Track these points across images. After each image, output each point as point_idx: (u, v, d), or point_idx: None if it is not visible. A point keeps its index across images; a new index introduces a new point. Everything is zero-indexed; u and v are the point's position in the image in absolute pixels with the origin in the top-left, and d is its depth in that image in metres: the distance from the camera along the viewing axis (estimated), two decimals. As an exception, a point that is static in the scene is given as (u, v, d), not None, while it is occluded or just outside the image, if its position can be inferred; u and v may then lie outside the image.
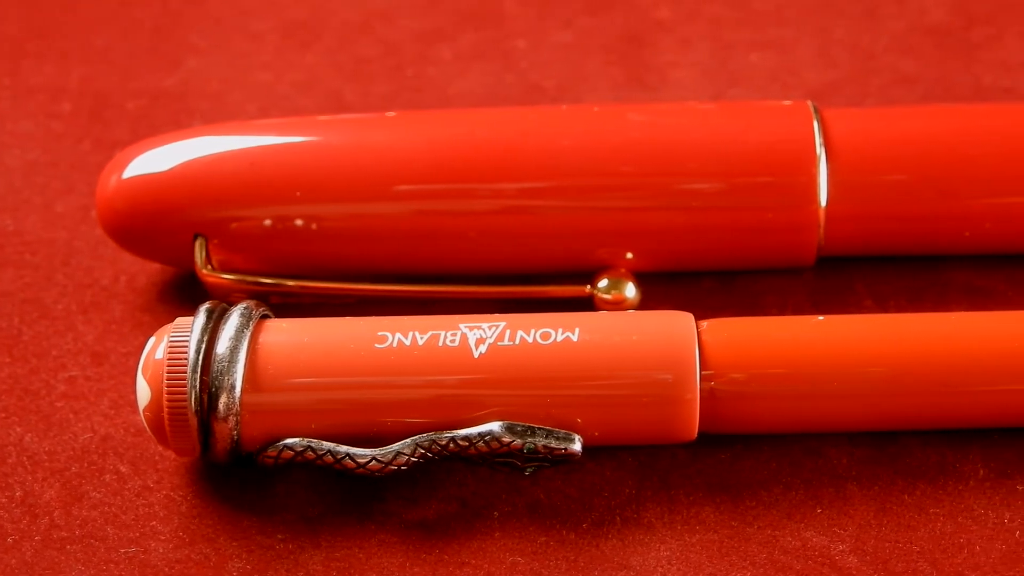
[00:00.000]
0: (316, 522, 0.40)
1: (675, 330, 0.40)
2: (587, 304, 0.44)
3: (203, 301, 0.41)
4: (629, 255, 0.44)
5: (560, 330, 0.40)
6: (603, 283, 0.44)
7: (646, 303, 0.44)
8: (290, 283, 0.44)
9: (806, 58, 0.51)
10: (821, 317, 0.42)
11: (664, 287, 0.45)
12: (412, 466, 0.40)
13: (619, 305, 0.44)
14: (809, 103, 0.44)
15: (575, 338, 0.40)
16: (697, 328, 0.41)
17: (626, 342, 0.40)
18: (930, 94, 0.50)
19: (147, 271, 0.46)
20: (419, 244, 0.44)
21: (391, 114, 0.45)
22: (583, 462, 0.41)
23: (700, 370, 0.40)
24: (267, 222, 0.43)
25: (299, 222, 0.43)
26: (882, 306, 0.45)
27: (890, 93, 0.50)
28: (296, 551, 0.40)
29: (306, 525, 0.40)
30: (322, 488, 0.41)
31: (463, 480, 0.41)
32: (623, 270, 0.44)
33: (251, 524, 0.40)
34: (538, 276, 0.45)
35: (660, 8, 0.52)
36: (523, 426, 0.40)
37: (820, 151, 0.43)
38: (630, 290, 0.44)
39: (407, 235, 0.44)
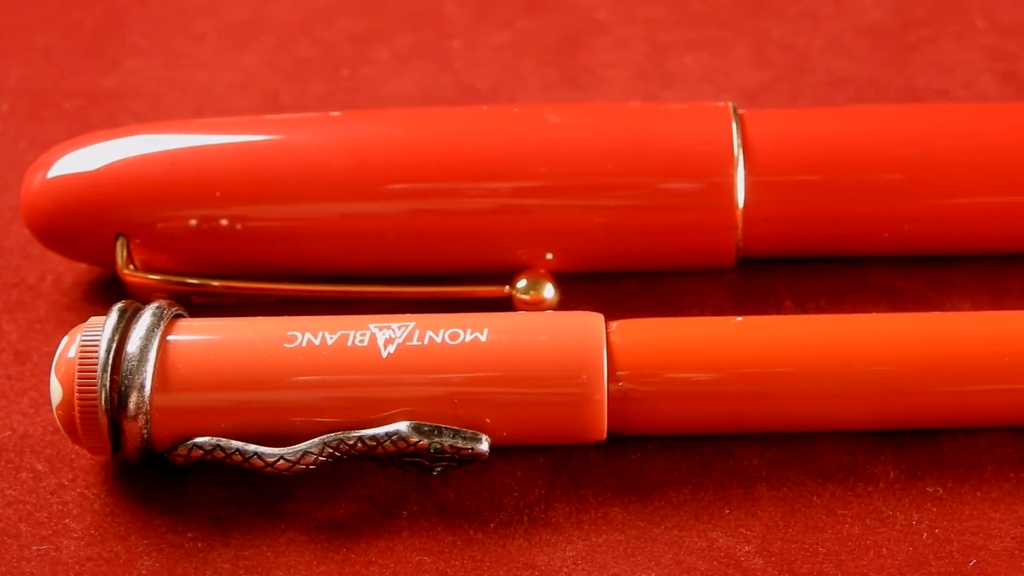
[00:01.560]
0: (227, 521, 0.41)
1: (583, 331, 0.40)
2: (506, 305, 0.44)
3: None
4: (549, 256, 0.44)
5: (469, 330, 0.40)
6: (522, 284, 0.44)
7: (566, 304, 0.44)
8: (215, 283, 0.44)
9: (741, 59, 0.51)
10: (739, 318, 0.42)
11: (585, 288, 0.45)
12: (320, 465, 0.40)
13: (537, 306, 0.44)
14: (729, 105, 0.44)
15: (483, 338, 0.40)
16: (607, 329, 0.41)
17: (534, 343, 0.40)
18: (862, 95, 0.50)
19: (74, 270, 0.46)
20: (339, 245, 0.44)
21: (314, 115, 0.45)
22: (494, 462, 0.42)
23: (608, 371, 0.40)
24: (189, 222, 0.44)
25: (219, 223, 0.43)
26: (802, 307, 0.45)
27: (822, 94, 0.50)
28: (205, 549, 0.40)
29: (216, 524, 0.41)
30: (234, 487, 0.41)
31: (374, 479, 0.41)
32: (542, 271, 0.44)
33: (162, 523, 0.41)
34: (459, 276, 0.45)
35: (598, 9, 0.52)
36: (430, 426, 0.40)
37: (738, 153, 0.43)
38: (548, 291, 0.44)
39: (327, 236, 0.44)
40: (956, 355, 0.41)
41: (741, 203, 0.43)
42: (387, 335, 0.40)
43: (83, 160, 0.44)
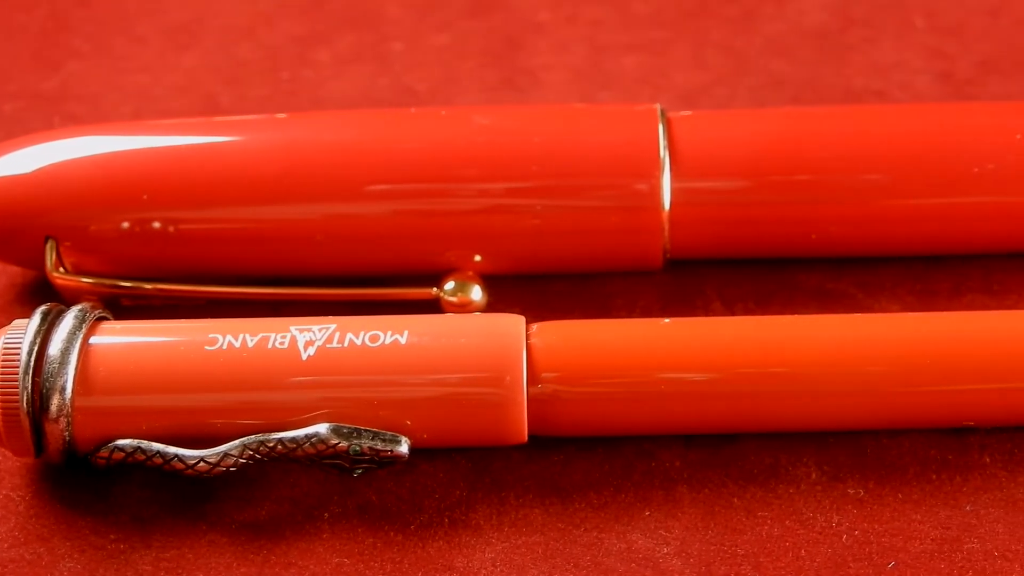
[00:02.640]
0: (149, 523, 0.41)
1: (503, 333, 0.41)
2: (434, 307, 0.44)
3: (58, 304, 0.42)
4: (477, 258, 0.44)
5: (389, 333, 0.41)
6: (449, 285, 0.44)
7: (495, 306, 0.44)
8: (147, 286, 0.45)
9: (679, 61, 0.51)
10: (666, 320, 0.42)
11: (514, 290, 0.45)
12: (241, 467, 0.40)
13: (465, 308, 0.44)
14: (657, 107, 0.44)
15: (403, 341, 0.40)
16: (528, 331, 0.41)
17: (454, 345, 0.40)
18: (800, 96, 0.50)
19: (8, 272, 0.46)
20: (269, 248, 0.44)
21: (244, 118, 0.45)
22: (417, 463, 0.42)
23: (528, 373, 0.40)
24: (119, 225, 0.44)
25: (149, 226, 0.44)
26: (730, 309, 0.45)
27: (760, 96, 0.50)
28: (127, 551, 0.40)
29: (139, 525, 0.41)
30: (158, 488, 0.41)
31: (297, 481, 0.41)
32: (470, 273, 0.44)
33: (85, 524, 0.41)
34: (388, 278, 0.45)
35: (540, 11, 0.52)
36: (349, 428, 0.40)
37: (664, 155, 0.43)
38: (476, 293, 0.44)
39: (257, 239, 0.44)
40: (880, 357, 0.41)
41: (667, 205, 0.43)
42: (307, 337, 0.40)
43: (13, 163, 0.44)
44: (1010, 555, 0.40)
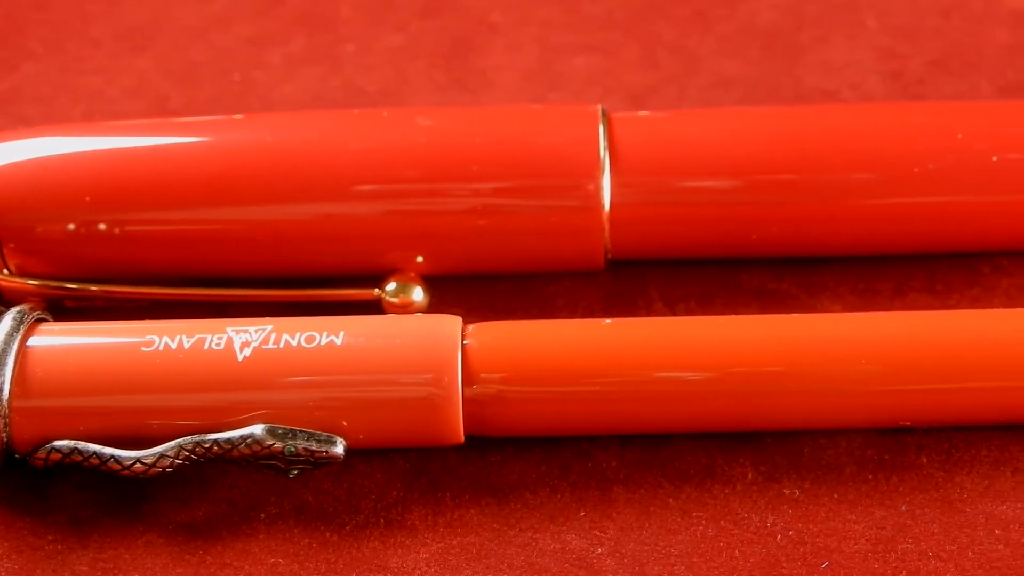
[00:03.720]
0: (87, 523, 0.41)
1: (439, 334, 0.41)
2: (376, 308, 0.44)
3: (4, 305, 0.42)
4: (419, 259, 0.44)
5: (325, 334, 0.41)
6: (391, 287, 0.44)
7: (438, 307, 0.44)
8: (93, 288, 0.45)
9: (630, 61, 0.51)
10: (608, 320, 0.42)
11: (457, 290, 0.45)
12: (177, 468, 0.40)
13: (406, 308, 0.44)
14: (599, 108, 0.44)
15: (339, 342, 0.41)
16: (464, 332, 0.41)
17: (389, 346, 0.40)
18: (750, 96, 0.50)
19: (-45, 274, 0.46)
20: (213, 249, 0.44)
21: (188, 120, 0.45)
22: (354, 464, 0.42)
23: (463, 374, 0.40)
24: (65, 227, 0.44)
25: (93, 227, 0.44)
26: (672, 309, 0.45)
27: (710, 96, 0.50)
28: (65, 552, 0.40)
29: (77, 526, 0.41)
30: (96, 489, 0.41)
31: (235, 482, 0.42)
32: (412, 274, 0.44)
33: (24, 525, 0.41)
34: (331, 280, 0.45)
35: (493, 12, 0.52)
36: (285, 429, 0.40)
37: (604, 155, 0.43)
38: (417, 294, 0.44)
39: (200, 240, 0.44)
40: (817, 358, 0.41)
41: (607, 206, 0.43)
42: (244, 338, 0.41)
43: (-42, 165, 0.44)
44: (944, 555, 0.40)
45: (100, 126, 0.46)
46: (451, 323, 0.41)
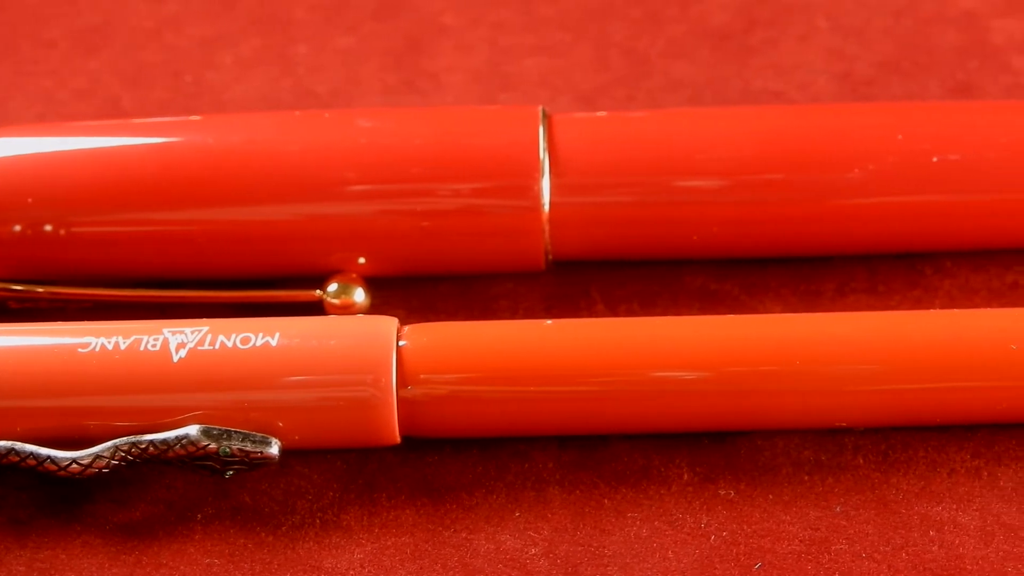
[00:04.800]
0: (25, 524, 0.41)
1: (373, 335, 0.41)
2: (318, 309, 0.44)
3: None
4: (361, 260, 0.44)
5: (260, 335, 0.41)
6: (332, 288, 0.44)
7: (380, 308, 0.45)
8: (39, 289, 0.45)
9: (581, 62, 0.51)
10: (549, 321, 0.42)
11: (400, 291, 0.45)
12: (113, 469, 0.40)
13: (347, 310, 0.44)
14: (539, 108, 0.44)
15: (274, 343, 0.41)
16: (399, 333, 0.41)
17: (323, 347, 0.41)
18: (699, 98, 0.50)
19: (-98, 276, 0.46)
20: (156, 250, 0.44)
21: (130, 121, 0.46)
22: (292, 465, 0.42)
23: (398, 375, 0.40)
24: (11, 228, 0.44)
25: (38, 229, 0.44)
26: (613, 310, 0.45)
27: (659, 97, 0.50)
28: (2, 552, 0.41)
29: (15, 526, 0.41)
30: (36, 490, 0.42)
31: (172, 483, 0.42)
32: (354, 275, 0.44)
33: (-38, 526, 0.41)
34: (278, 280, 0.45)
35: (446, 13, 0.53)
36: (219, 430, 0.40)
37: (543, 156, 0.43)
38: (359, 295, 0.44)
39: (143, 241, 0.44)
40: (754, 358, 0.41)
41: (547, 206, 0.43)
42: (179, 340, 0.41)
43: (-97, 167, 0.44)
44: (878, 556, 0.40)
45: (44, 127, 0.46)
46: (386, 324, 0.41)
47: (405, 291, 0.45)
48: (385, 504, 0.41)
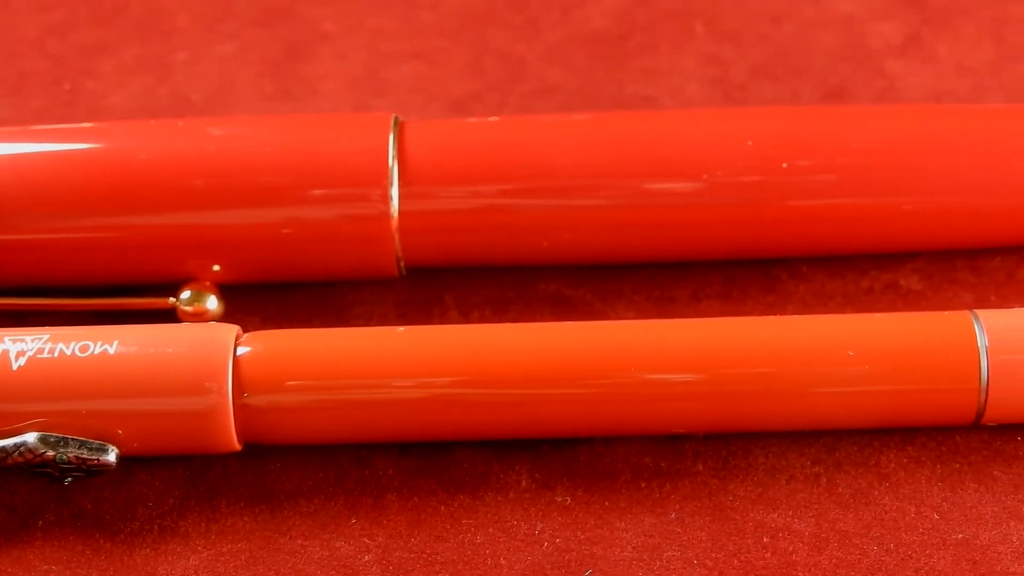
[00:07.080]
0: None
1: (211, 343, 0.41)
2: (172, 316, 0.45)
3: None
4: (216, 267, 0.44)
5: (99, 343, 0.41)
6: (185, 295, 0.44)
7: (235, 315, 0.45)
8: None
9: (457, 68, 0.51)
10: (401, 328, 0.43)
11: (256, 299, 0.45)
12: (-47, 476, 0.41)
13: (200, 317, 0.44)
14: (392, 116, 0.44)
15: (112, 351, 0.41)
16: (238, 341, 0.41)
17: (160, 355, 0.41)
18: (571, 103, 0.50)
19: None
20: (11, 258, 0.44)
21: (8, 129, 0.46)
22: (135, 472, 0.42)
23: (235, 383, 0.41)
24: None
25: None
26: (466, 317, 0.45)
27: (532, 103, 0.50)
28: None
29: None
30: None
31: (16, 489, 0.42)
32: (207, 283, 0.45)
33: None
34: (136, 288, 0.45)
35: (326, 21, 0.53)
36: (57, 437, 0.40)
37: (392, 163, 0.43)
38: (212, 302, 0.44)
39: (-1, 249, 0.45)
40: (595, 365, 0.41)
41: (396, 213, 0.43)
42: (19, 348, 0.41)
43: None
44: (709, 563, 0.40)
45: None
46: (225, 332, 0.41)
47: (261, 299, 0.45)
48: (224, 511, 0.41)
